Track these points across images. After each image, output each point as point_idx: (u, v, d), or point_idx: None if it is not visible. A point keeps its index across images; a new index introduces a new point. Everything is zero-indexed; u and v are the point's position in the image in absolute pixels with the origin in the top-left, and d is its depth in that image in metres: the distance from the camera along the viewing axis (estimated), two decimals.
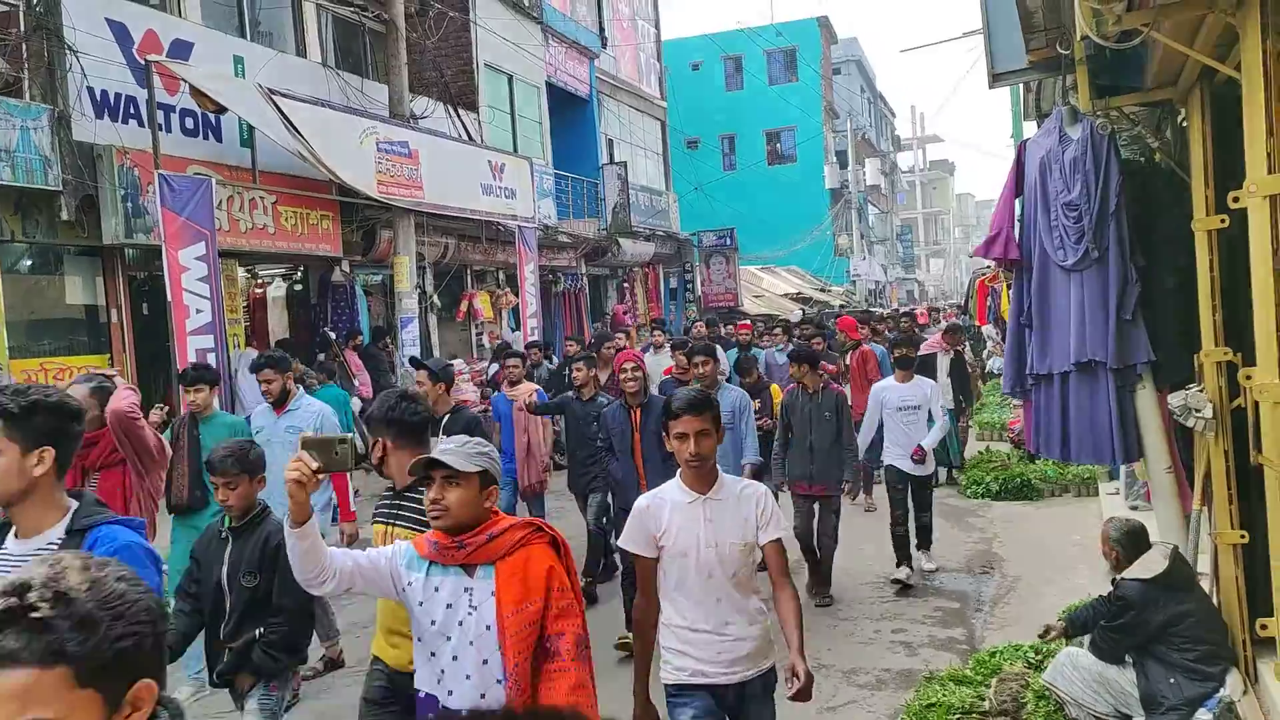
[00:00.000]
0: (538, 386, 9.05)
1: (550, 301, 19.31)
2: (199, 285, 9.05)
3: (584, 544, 7.61)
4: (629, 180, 21.96)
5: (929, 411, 7.89)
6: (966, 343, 14.69)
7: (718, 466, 3.47)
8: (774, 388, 8.96)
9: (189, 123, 10.57)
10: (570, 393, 8.03)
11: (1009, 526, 9.34)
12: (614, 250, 21.21)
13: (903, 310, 22.41)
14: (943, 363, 11.23)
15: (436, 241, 14.61)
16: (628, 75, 24.52)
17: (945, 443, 10.92)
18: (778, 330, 13.27)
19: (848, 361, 11.07)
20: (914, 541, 8.01)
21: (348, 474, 5.76)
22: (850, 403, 8.82)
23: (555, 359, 14.20)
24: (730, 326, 16.80)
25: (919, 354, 11.37)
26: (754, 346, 12.61)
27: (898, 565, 7.67)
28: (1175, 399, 4.48)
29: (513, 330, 16.62)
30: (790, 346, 11.58)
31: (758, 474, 7.15)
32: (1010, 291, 6.59)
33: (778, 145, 41.26)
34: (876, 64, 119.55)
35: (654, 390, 9.93)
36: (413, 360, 7.43)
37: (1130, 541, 4.57)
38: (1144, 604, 4.26)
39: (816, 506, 7.40)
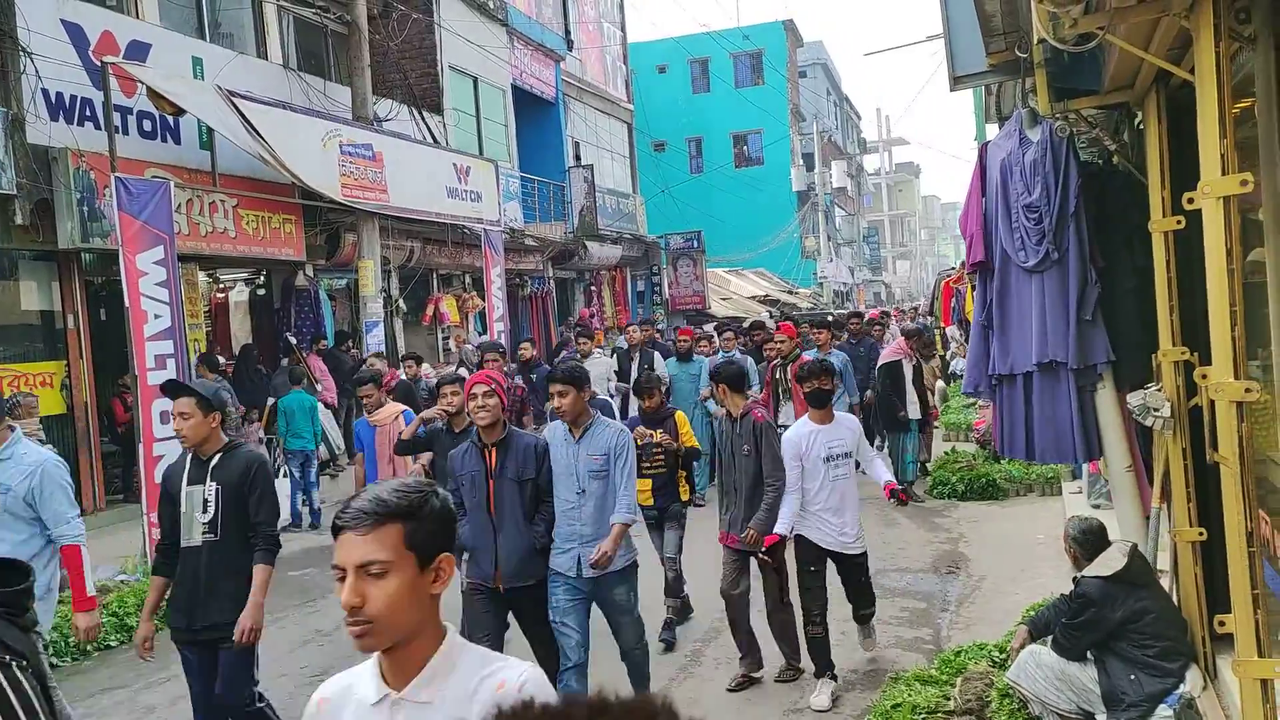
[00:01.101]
0: (405, 408, 7.94)
1: (517, 305, 19.25)
2: (158, 290, 8.90)
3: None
4: (595, 183, 21.94)
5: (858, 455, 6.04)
6: (936, 354, 14.23)
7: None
8: (680, 415, 7.04)
9: (147, 125, 10.43)
10: (439, 423, 6.33)
11: (974, 527, 9.40)
12: (581, 253, 21.18)
13: (850, 311, 18.88)
14: (907, 370, 10.74)
15: (401, 245, 14.51)
16: (594, 78, 24.50)
17: (908, 458, 10.79)
18: (728, 334, 12.09)
19: (786, 377, 9.61)
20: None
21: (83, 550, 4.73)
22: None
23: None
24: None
25: (883, 362, 11.02)
26: (694, 354, 11.48)
27: (817, 676, 5.75)
28: (1134, 398, 4.52)
29: (480, 334, 16.54)
30: (739, 353, 10.91)
31: (680, 521, 6.65)
32: (974, 293, 6.64)
33: (744, 148, 41.42)
34: (842, 67, 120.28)
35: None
36: (167, 385, 4.80)
37: (1090, 540, 4.61)
38: (1104, 601, 4.30)
39: (753, 564, 5.85)
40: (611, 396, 10.93)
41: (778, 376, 9.75)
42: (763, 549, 5.59)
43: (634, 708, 0.93)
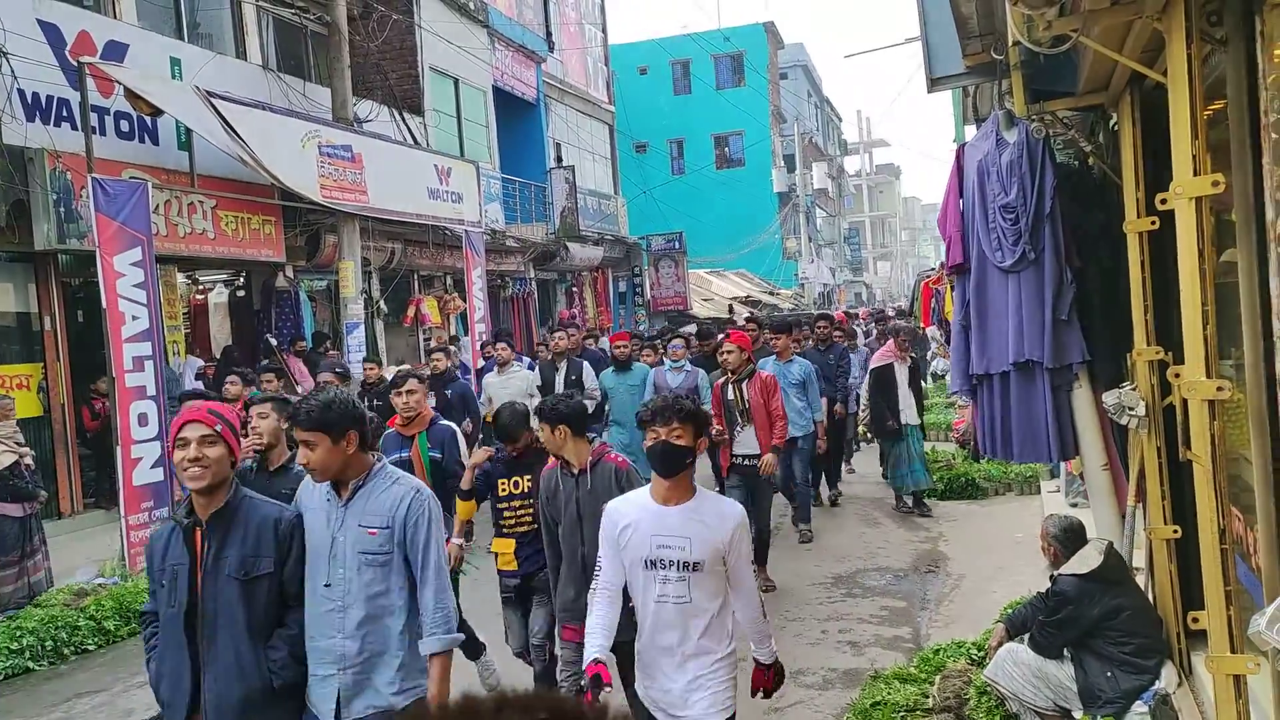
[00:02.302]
0: None
1: (499, 306, 19.21)
2: (135, 292, 8.85)
3: None
4: (577, 184, 21.93)
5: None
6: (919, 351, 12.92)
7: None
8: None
9: (124, 125, 10.35)
10: (247, 461, 4.54)
11: (954, 525, 9.46)
12: (562, 254, 21.17)
13: (818, 313, 15.69)
14: (901, 374, 10.08)
15: (382, 246, 14.46)
16: (575, 79, 24.49)
17: (912, 467, 9.93)
18: (676, 342, 9.74)
19: (742, 396, 7.60)
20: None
21: None
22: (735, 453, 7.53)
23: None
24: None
25: (873, 366, 10.18)
26: (635, 362, 9.96)
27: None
28: (1109, 397, 4.57)
29: (462, 335, 16.51)
30: (689, 365, 9.34)
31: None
32: (953, 293, 6.68)
33: (726, 149, 41.49)
34: (823, 69, 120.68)
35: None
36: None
37: (1068, 538, 4.65)
38: (1080, 598, 4.34)
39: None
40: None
41: (730, 397, 7.58)
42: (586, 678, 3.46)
43: (534, 703, 0.94)
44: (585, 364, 10.11)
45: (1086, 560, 4.44)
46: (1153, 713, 4.17)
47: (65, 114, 9.65)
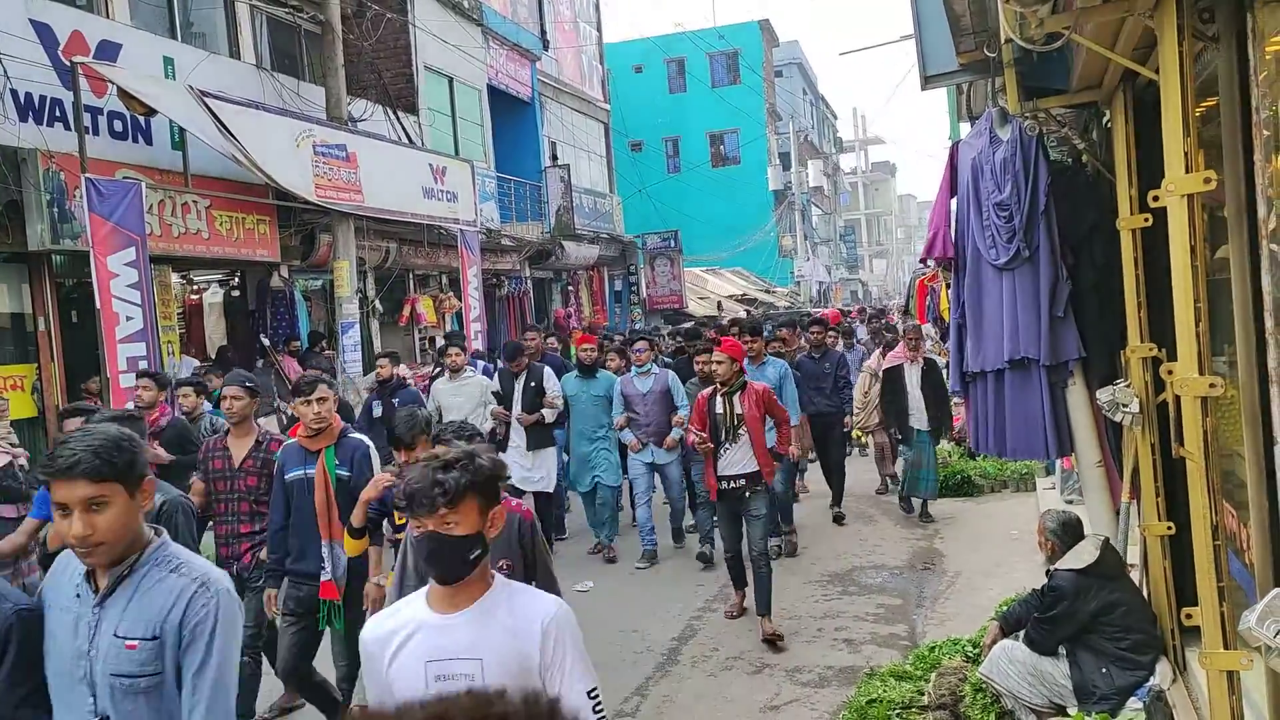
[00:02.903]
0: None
1: (494, 305, 19.20)
2: (129, 292, 8.83)
3: None
4: (572, 183, 21.93)
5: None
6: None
7: None
8: None
9: (118, 125, 10.32)
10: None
11: (950, 523, 9.47)
12: (558, 253, 21.16)
13: (810, 318, 12.57)
14: (911, 376, 9.54)
15: (377, 246, 14.45)
16: (570, 78, 24.47)
17: (918, 473, 9.46)
18: (640, 345, 8.90)
19: (733, 410, 6.66)
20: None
21: None
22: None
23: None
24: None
25: (886, 368, 9.51)
26: (600, 368, 9.24)
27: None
28: (1104, 394, 4.57)
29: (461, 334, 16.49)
30: (656, 368, 8.82)
31: None
32: (949, 291, 6.69)
33: (721, 147, 41.49)
34: (818, 67, 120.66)
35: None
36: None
37: (1066, 532, 4.66)
38: (1076, 593, 4.35)
39: None
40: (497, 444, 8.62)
41: (719, 411, 6.69)
42: None
43: (478, 705, 0.93)
44: (547, 369, 9.05)
45: (1083, 555, 4.45)
46: (1147, 709, 4.18)
47: (58, 114, 9.62)
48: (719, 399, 6.72)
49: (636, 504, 8.80)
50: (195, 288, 13.99)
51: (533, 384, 8.79)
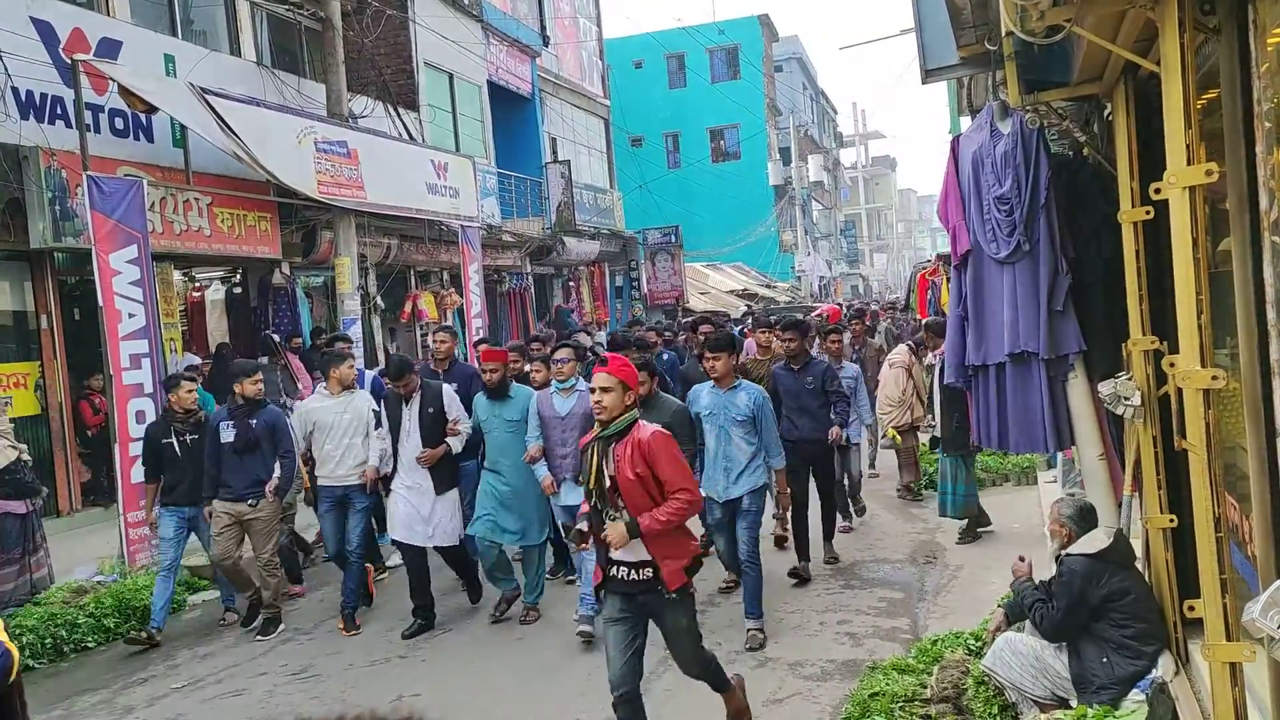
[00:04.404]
0: None
1: (495, 301, 19.21)
2: (132, 289, 8.84)
3: None
4: (573, 179, 21.93)
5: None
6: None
7: None
8: None
9: (119, 123, 10.34)
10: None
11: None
12: (559, 249, 21.17)
13: (786, 319, 9.43)
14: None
15: (379, 242, 14.46)
16: (570, 74, 24.46)
17: (944, 486, 8.56)
18: (562, 353, 6.93)
19: (603, 469, 4.67)
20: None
21: None
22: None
23: None
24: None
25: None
26: (520, 384, 7.34)
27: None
28: (1105, 387, 4.57)
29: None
30: (579, 380, 6.78)
31: None
32: (950, 285, 6.68)
33: (721, 142, 41.49)
34: (818, 62, 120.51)
35: None
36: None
37: (1082, 518, 4.66)
38: (1088, 577, 4.35)
39: None
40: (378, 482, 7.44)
41: (595, 465, 4.57)
42: None
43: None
44: (446, 389, 7.27)
45: (1095, 541, 4.46)
46: (1150, 701, 4.19)
47: (59, 111, 9.64)
48: (593, 448, 4.52)
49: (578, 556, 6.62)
50: (197, 285, 14.01)
51: (429, 409, 7.04)
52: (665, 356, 10.18)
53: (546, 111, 22.67)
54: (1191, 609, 3.87)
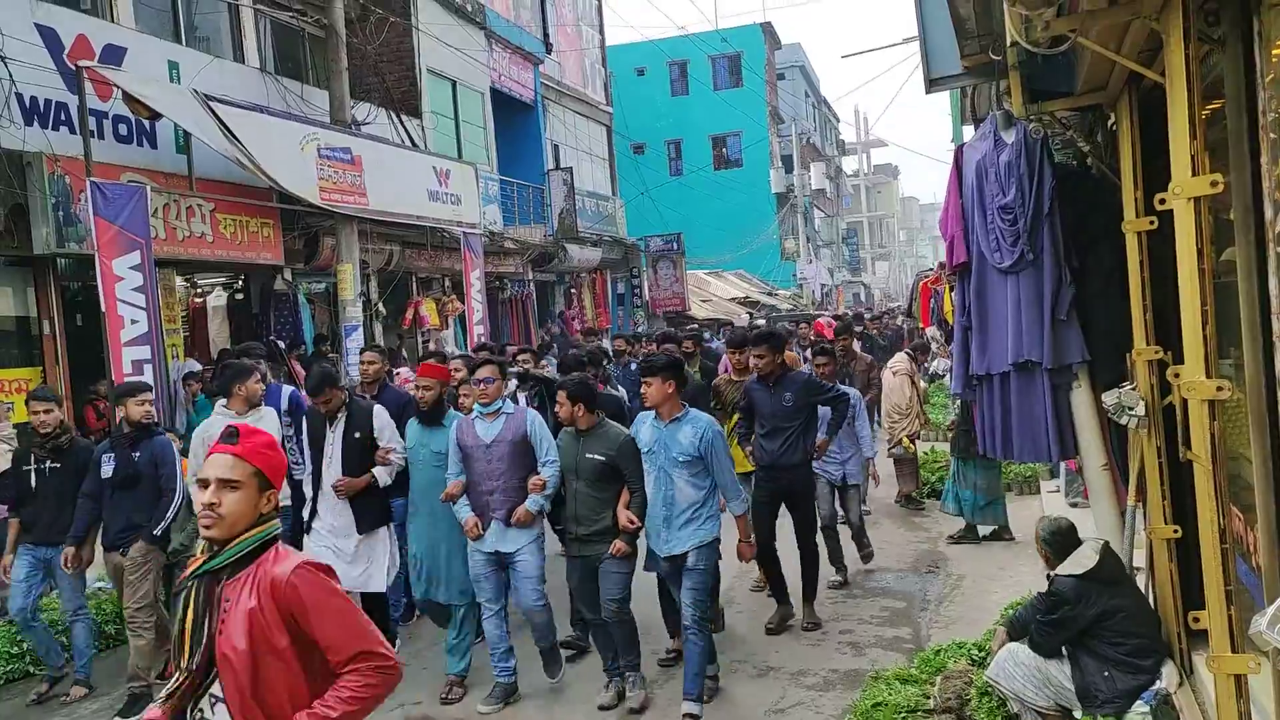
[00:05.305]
0: None
1: (497, 308, 19.20)
2: (134, 295, 8.84)
3: None
4: (575, 186, 21.93)
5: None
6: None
7: None
8: None
9: (122, 129, 10.34)
10: None
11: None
12: (561, 256, 21.17)
13: (754, 332, 8.02)
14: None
15: (381, 248, 14.46)
16: (573, 81, 24.50)
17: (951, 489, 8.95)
18: (484, 372, 5.76)
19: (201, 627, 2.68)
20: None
21: None
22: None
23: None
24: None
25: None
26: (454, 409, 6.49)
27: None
28: (1109, 397, 4.57)
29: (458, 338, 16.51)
30: (506, 402, 5.86)
31: None
32: (953, 294, 6.68)
33: (723, 150, 41.53)
34: (820, 70, 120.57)
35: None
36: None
37: (1058, 541, 4.65)
38: (1078, 599, 4.34)
39: None
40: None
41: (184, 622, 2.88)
42: None
43: None
44: (378, 409, 6.30)
45: (1082, 560, 4.45)
46: (1154, 712, 4.18)
47: (64, 118, 9.65)
48: (190, 590, 2.65)
49: (483, 615, 5.88)
50: (199, 291, 14.00)
51: (356, 434, 6.10)
52: (634, 367, 8.73)
53: (549, 118, 22.69)
54: (1196, 620, 3.85)
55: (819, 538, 7.25)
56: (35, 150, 9.12)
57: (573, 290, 23.86)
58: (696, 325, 21.93)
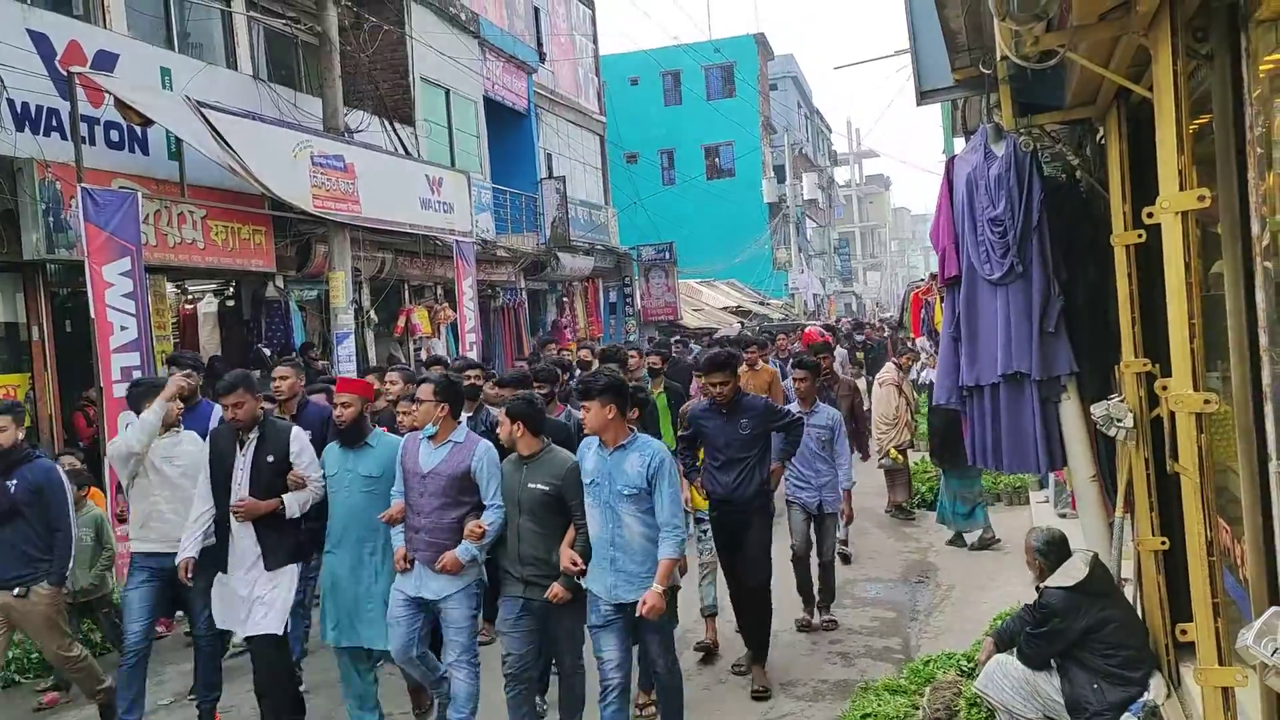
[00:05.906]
0: None
1: (489, 316, 19.19)
2: (124, 301, 8.82)
3: None
4: (568, 194, 21.95)
5: None
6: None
7: None
8: None
9: (114, 135, 10.32)
10: None
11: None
12: (553, 265, 21.18)
13: (710, 355, 6.44)
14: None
15: (373, 256, 14.46)
16: (566, 90, 24.53)
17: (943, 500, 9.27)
18: (424, 388, 5.21)
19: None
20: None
21: None
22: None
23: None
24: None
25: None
26: (387, 430, 5.89)
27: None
28: (1098, 409, 4.59)
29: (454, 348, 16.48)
30: (461, 434, 5.16)
31: None
32: (943, 305, 6.70)
33: (716, 160, 41.61)
34: (813, 80, 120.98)
35: None
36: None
37: (1051, 551, 4.67)
38: (1067, 611, 4.35)
39: None
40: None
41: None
42: None
43: None
44: (296, 430, 5.51)
45: (1072, 572, 4.46)
46: None
47: (55, 124, 9.62)
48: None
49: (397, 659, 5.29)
50: (190, 298, 13.96)
51: (269, 456, 5.31)
52: None
53: (542, 127, 22.72)
54: (1184, 632, 3.86)
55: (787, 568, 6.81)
56: (26, 156, 9.10)
57: (565, 299, 23.86)
58: (678, 335, 21.83)
